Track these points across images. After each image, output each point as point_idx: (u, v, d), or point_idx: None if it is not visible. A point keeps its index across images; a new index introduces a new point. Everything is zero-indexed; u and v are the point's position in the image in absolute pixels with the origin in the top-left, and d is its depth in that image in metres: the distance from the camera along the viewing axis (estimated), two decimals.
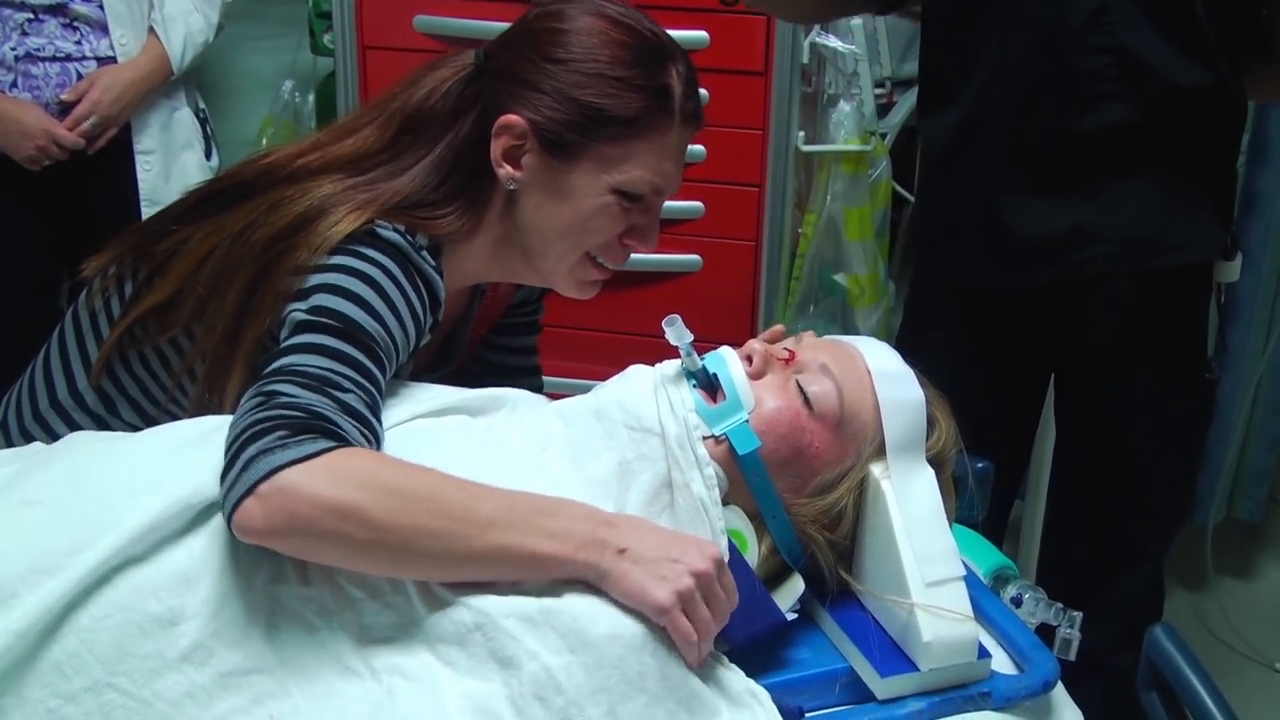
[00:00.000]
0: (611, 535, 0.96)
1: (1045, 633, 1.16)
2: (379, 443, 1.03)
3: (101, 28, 2.11)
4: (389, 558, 0.95)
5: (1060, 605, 1.17)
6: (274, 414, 0.96)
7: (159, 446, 1.08)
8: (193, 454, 1.02)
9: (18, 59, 2.05)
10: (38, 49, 2.06)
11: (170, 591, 0.95)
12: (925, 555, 1.04)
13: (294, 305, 1.09)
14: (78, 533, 0.96)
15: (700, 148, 2.07)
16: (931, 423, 1.11)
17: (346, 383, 1.03)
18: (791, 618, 1.06)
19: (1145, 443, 1.59)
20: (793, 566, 1.10)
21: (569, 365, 1.54)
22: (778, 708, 0.97)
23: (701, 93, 1.27)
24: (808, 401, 1.08)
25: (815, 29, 2.13)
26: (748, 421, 1.06)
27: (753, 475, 1.06)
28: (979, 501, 1.30)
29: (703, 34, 2.08)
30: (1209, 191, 1.51)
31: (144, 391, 1.25)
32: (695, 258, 2.17)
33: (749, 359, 1.11)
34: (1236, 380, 2.48)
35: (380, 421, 1.05)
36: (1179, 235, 1.50)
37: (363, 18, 2.20)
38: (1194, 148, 1.48)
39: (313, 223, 1.13)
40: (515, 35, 1.24)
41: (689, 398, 1.08)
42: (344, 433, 0.98)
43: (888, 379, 1.09)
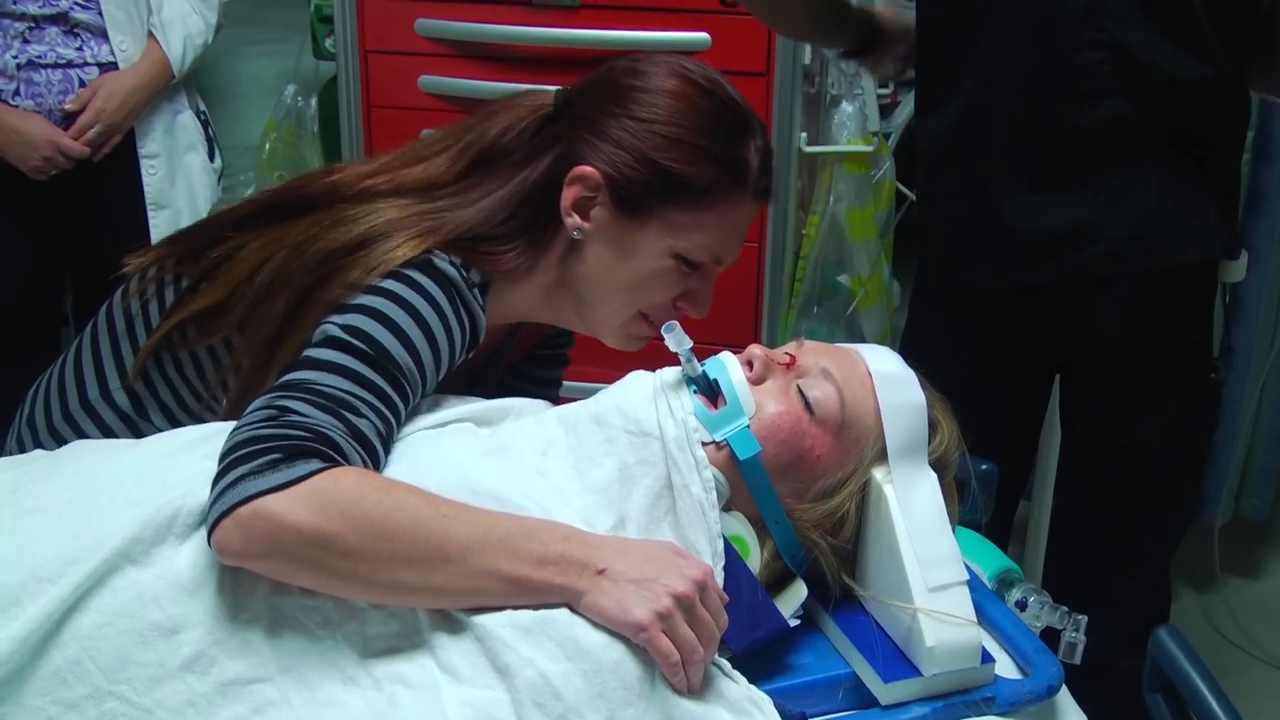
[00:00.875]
0: (591, 555, 0.96)
1: (1051, 636, 1.15)
2: (379, 471, 1.03)
3: (102, 34, 2.11)
4: (366, 586, 0.95)
5: (1065, 609, 1.16)
6: (276, 433, 0.96)
7: (162, 453, 1.07)
8: (198, 461, 1.02)
9: (19, 67, 2.06)
10: (39, 56, 2.07)
11: (172, 600, 0.95)
12: (928, 560, 1.03)
13: (332, 318, 1.09)
14: (80, 541, 0.96)
15: None
16: (934, 426, 1.10)
17: (365, 408, 1.03)
18: (794, 624, 1.05)
19: (1150, 444, 1.57)
20: (795, 572, 1.09)
21: (572, 368, 1.54)
22: (780, 713, 0.96)
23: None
24: (809, 406, 1.07)
25: None
26: (749, 427, 1.06)
27: (754, 480, 1.05)
28: (983, 503, 1.29)
29: (704, 35, 2.07)
30: (1213, 189, 1.50)
31: (176, 397, 1.24)
32: None
33: (749, 364, 1.11)
34: (1243, 380, 2.47)
35: (388, 451, 1.05)
36: (1183, 234, 1.49)
37: (364, 21, 2.19)
38: (1196, 144, 1.46)
39: (372, 244, 1.13)
40: (598, 84, 1.23)
41: (689, 402, 1.07)
42: (344, 457, 0.97)
43: (889, 382, 1.09)
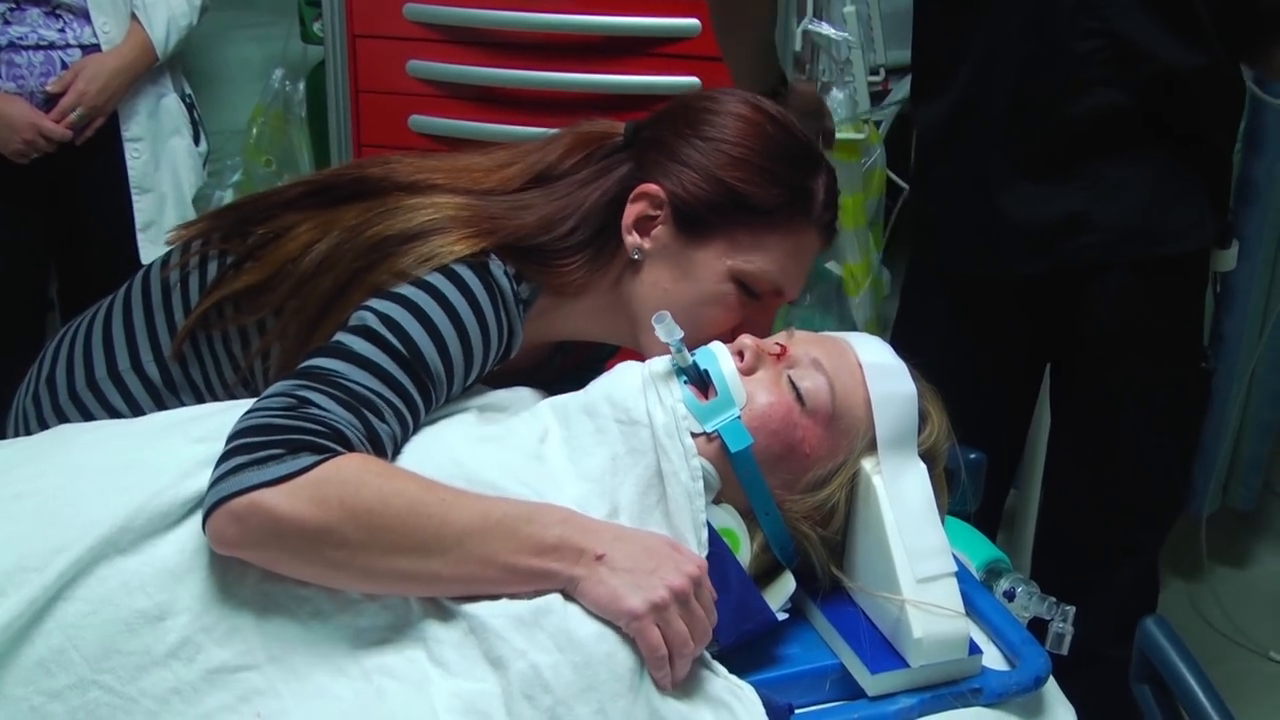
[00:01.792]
0: (589, 541, 0.95)
1: (1039, 627, 1.15)
2: None
3: (84, 15, 2.09)
4: (362, 575, 0.95)
5: (1053, 599, 1.16)
6: (290, 424, 0.95)
7: (153, 435, 1.06)
8: (189, 446, 1.01)
9: (1, 49, 2.03)
10: (21, 38, 2.04)
11: (159, 586, 0.94)
12: (916, 551, 1.03)
13: (372, 303, 1.08)
14: (67, 529, 0.95)
15: None
16: (923, 417, 1.10)
17: (387, 411, 1.02)
18: (782, 618, 1.05)
19: (1140, 432, 1.57)
20: (784, 564, 1.09)
21: None
22: (767, 705, 0.96)
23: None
24: (800, 397, 1.07)
25: (809, 15, 2.12)
26: (739, 418, 1.05)
27: (745, 472, 1.05)
28: (972, 493, 1.29)
29: (694, 22, 2.07)
30: (1206, 179, 1.50)
31: (205, 375, 1.22)
32: None
33: (740, 354, 1.10)
34: (1232, 369, 2.48)
35: (399, 454, 1.04)
36: (1176, 223, 1.49)
37: (352, 6, 2.18)
38: (1190, 133, 1.46)
39: (429, 236, 1.12)
40: (670, 111, 1.23)
41: (679, 391, 1.07)
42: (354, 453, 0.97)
43: (879, 373, 1.09)
